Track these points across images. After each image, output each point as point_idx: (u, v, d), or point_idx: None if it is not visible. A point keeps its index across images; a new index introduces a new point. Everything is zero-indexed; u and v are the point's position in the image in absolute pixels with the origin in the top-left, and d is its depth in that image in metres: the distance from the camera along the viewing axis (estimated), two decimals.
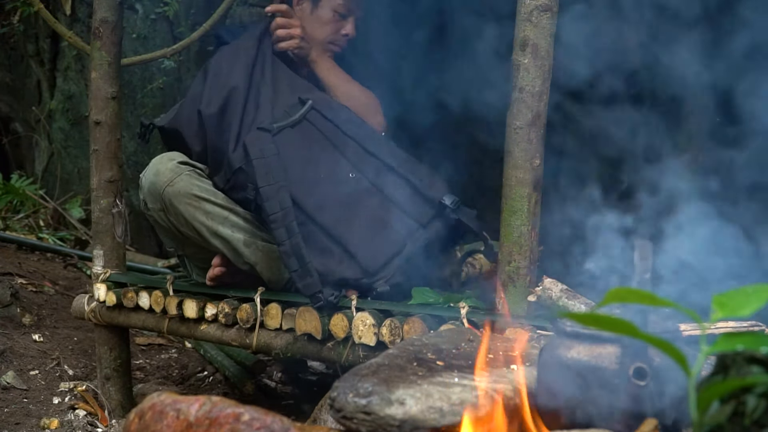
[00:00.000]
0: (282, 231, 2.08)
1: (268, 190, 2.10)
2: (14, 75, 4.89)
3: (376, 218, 2.18)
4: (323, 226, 2.14)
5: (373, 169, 2.23)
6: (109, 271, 2.55)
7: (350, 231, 2.15)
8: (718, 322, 1.35)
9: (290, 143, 2.20)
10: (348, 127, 2.27)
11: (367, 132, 2.30)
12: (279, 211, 2.08)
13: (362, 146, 2.25)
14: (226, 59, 2.34)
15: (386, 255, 2.16)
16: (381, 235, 2.16)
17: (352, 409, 1.21)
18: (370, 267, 2.13)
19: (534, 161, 1.88)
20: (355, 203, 2.18)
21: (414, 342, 1.51)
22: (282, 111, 2.25)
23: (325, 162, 2.21)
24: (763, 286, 0.87)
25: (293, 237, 2.07)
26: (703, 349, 0.83)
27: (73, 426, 2.48)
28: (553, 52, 1.88)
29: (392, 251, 2.16)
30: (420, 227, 2.20)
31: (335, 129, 2.26)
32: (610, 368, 1.19)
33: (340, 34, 2.73)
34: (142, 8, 4.15)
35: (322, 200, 2.16)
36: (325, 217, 2.15)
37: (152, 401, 1.25)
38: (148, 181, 2.29)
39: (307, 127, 2.25)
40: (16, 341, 2.95)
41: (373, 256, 2.14)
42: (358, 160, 2.23)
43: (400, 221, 2.19)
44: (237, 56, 2.34)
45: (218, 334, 2.34)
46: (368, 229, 2.16)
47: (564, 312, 1.78)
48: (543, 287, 1.86)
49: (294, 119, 2.24)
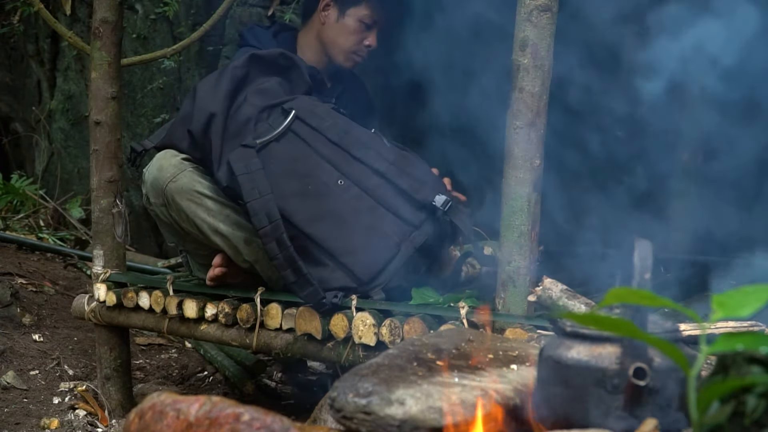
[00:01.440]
0: (273, 245, 2.05)
1: (255, 205, 2.07)
2: (14, 75, 4.89)
3: (367, 225, 2.14)
4: (314, 238, 2.12)
5: (361, 175, 2.19)
6: (109, 271, 2.55)
7: (342, 242, 2.12)
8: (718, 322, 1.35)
9: (275, 157, 2.16)
10: (333, 134, 2.22)
11: (353, 136, 2.23)
12: (267, 225, 2.06)
13: (348, 152, 2.20)
14: (209, 83, 2.30)
15: (380, 262, 2.13)
16: (373, 242, 2.13)
17: (352, 409, 1.21)
18: (364, 276, 2.11)
19: (534, 161, 1.88)
20: (344, 212, 2.15)
21: (414, 342, 1.51)
22: (265, 125, 2.22)
23: (312, 173, 2.17)
24: (763, 286, 0.87)
25: (285, 250, 2.05)
26: (703, 349, 0.83)
27: (73, 426, 2.48)
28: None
29: (386, 257, 2.13)
30: (412, 229, 2.16)
31: (320, 136, 2.21)
32: (610, 368, 1.19)
33: (363, 45, 2.77)
34: (142, 8, 4.15)
35: (312, 213, 2.13)
36: (315, 229, 2.12)
37: (152, 401, 1.25)
38: (151, 176, 2.29)
39: (292, 138, 2.21)
40: (16, 341, 2.95)
41: (367, 264, 2.12)
42: (345, 166, 2.19)
43: (392, 226, 2.15)
44: (219, 82, 2.28)
45: (218, 334, 2.34)
46: (360, 237, 2.13)
47: (564, 312, 1.78)
48: (543, 287, 1.86)
49: (278, 132, 2.19)
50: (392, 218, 2.16)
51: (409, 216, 2.16)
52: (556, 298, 1.84)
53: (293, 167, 2.17)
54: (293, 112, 2.23)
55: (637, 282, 1.17)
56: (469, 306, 1.96)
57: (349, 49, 2.77)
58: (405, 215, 2.16)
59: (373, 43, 2.76)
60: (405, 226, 2.16)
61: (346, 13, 2.74)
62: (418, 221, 2.16)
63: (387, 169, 2.19)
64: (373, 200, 2.17)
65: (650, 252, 1.19)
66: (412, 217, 2.16)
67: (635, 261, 1.19)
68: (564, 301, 1.82)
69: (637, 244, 1.21)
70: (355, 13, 2.73)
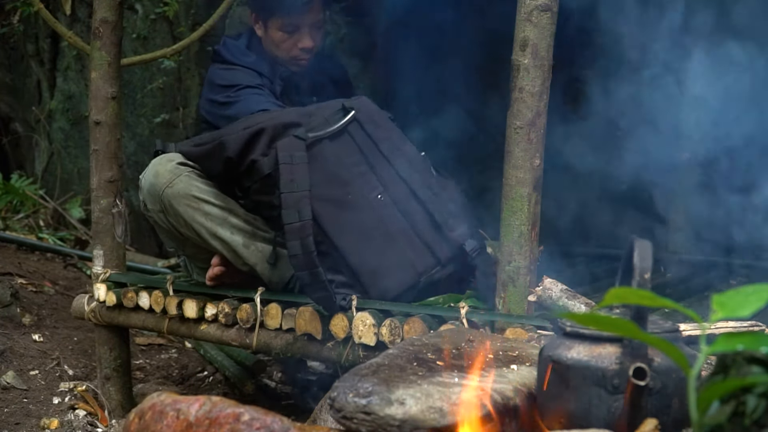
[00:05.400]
0: (296, 243, 2.00)
1: (288, 198, 2.02)
2: (14, 75, 4.89)
3: (395, 249, 2.09)
4: (340, 250, 2.08)
5: (402, 196, 2.13)
6: (109, 271, 2.55)
7: (366, 260, 2.08)
8: (718, 322, 1.35)
9: (324, 157, 2.11)
10: (385, 146, 2.16)
11: (404, 155, 2.17)
12: (296, 222, 2.00)
13: (396, 170, 2.14)
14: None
15: (397, 289, 2.09)
16: (396, 268, 2.09)
17: (352, 409, 1.22)
18: (376, 298, 2.09)
19: (534, 161, 1.88)
20: (377, 230, 2.10)
21: (414, 342, 1.51)
22: (321, 118, 2.16)
23: (355, 181, 2.12)
24: (763, 286, 0.87)
25: (307, 253, 1.99)
26: (703, 349, 0.83)
27: (73, 426, 2.48)
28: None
29: (403, 287, 2.09)
30: (437, 265, 2.11)
31: (372, 145, 2.15)
32: (610, 368, 1.19)
33: (298, 49, 2.71)
34: (142, 8, 4.15)
35: (344, 224, 2.09)
36: (343, 242, 2.08)
37: (152, 401, 1.25)
38: (148, 183, 2.29)
39: (346, 139, 2.15)
40: (16, 341, 2.95)
41: (383, 289, 2.08)
42: (389, 182, 2.13)
43: (420, 256, 2.10)
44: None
45: (218, 334, 2.34)
46: (385, 259, 2.09)
47: (564, 312, 1.78)
48: (543, 287, 1.86)
49: (333, 129, 2.13)
50: (422, 248, 2.11)
51: (439, 251, 2.11)
52: (556, 298, 1.84)
53: (338, 170, 2.11)
54: (352, 113, 2.16)
55: (637, 282, 1.17)
56: (469, 306, 1.96)
57: (286, 57, 2.72)
58: (435, 249, 2.11)
59: (308, 43, 2.69)
60: (432, 259, 2.11)
61: (268, 25, 2.70)
62: (445, 259, 2.12)
63: (428, 198, 2.13)
64: (408, 224, 2.11)
65: (650, 252, 1.19)
66: (441, 253, 2.11)
67: (635, 261, 1.19)
68: (564, 301, 1.82)
69: (637, 244, 1.21)
70: (275, 24, 2.69)
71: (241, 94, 2.60)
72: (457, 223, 2.13)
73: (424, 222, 2.12)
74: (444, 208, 2.14)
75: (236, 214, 2.27)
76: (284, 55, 2.72)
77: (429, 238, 2.11)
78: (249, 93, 2.61)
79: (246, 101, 2.58)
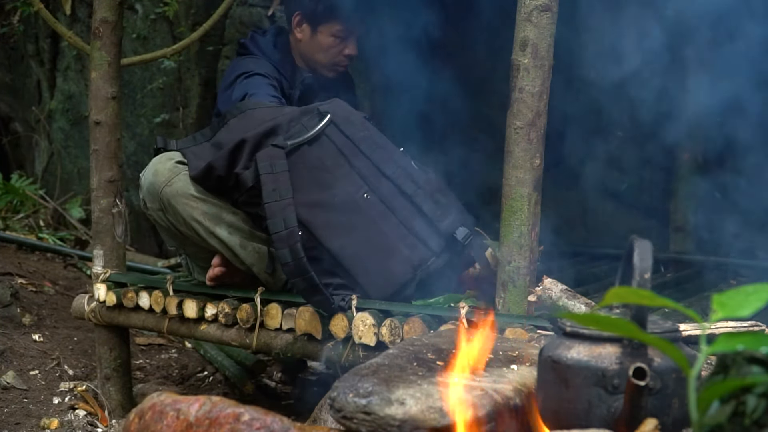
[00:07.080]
0: (285, 251, 2.01)
1: (273, 207, 2.03)
2: (14, 75, 4.89)
3: (388, 246, 2.10)
4: (333, 253, 2.09)
5: (388, 193, 2.14)
6: (109, 271, 2.55)
7: (360, 260, 2.09)
8: (718, 322, 1.35)
9: (304, 161, 2.12)
10: (366, 146, 2.17)
11: (386, 152, 2.18)
12: (283, 230, 2.02)
13: (378, 168, 2.15)
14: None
15: (395, 285, 2.09)
16: (391, 264, 2.09)
17: (352, 409, 1.21)
18: (376, 297, 2.09)
19: (534, 161, 1.88)
20: (367, 229, 2.10)
21: (414, 342, 1.51)
22: (299, 126, 2.17)
23: (339, 183, 2.13)
24: (763, 286, 0.87)
25: (297, 259, 2.00)
26: (703, 349, 0.83)
27: (73, 426, 2.48)
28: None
29: (401, 281, 2.10)
30: (431, 256, 2.12)
31: (353, 146, 2.16)
32: (610, 368, 1.19)
33: (342, 56, 2.75)
34: (142, 8, 4.15)
35: (334, 226, 2.09)
36: (335, 244, 2.08)
37: (152, 401, 1.25)
38: (147, 181, 2.29)
39: (325, 142, 2.16)
40: (16, 341, 2.95)
41: (381, 286, 2.09)
42: (374, 181, 2.14)
43: (413, 250, 2.11)
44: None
45: (218, 334, 2.34)
46: (379, 257, 2.10)
47: (564, 312, 1.78)
48: (543, 287, 1.86)
49: (310, 135, 2.14)
50: (414, 241, 2.11)
51: (431, 242, 2.11)
52: (556, 298, 1.84)
53: (321, 174, 2.13)
54: (328, 116, 2.18)
55: (637, 282, 1.17)
56: (469, 306, 1.96)
57: (329, 62, 2.76)
58: (427, 241, 2.11)
59: (353, 51, 2.74)
60: (425, 251, 2.11)
61: (318, 29, 2.71)
62: (438, 249, 2.12)
63: (414, 192, 2.13)
64: (397, 220, 2.12)
65: (650, 252, 1.19)
66: (434, 244, 2.11)
67: (635, 261, 1.19)
68: (564, 301, 1.82)
69: (637, 244, 1.21)
70: (328, 29, 2.70)
71: (251, 80, 2.63)
72: (446, 213, 2.14)
73: (413, 215, 2.13)
74: (430, 199, 2.14)
75: (234, 212, 2.27)
76: (326, 59, 2.76)
77: (420, 231, 2.12)
78: (257, 79, 2.63)
79: (248, 84, 2.61)
